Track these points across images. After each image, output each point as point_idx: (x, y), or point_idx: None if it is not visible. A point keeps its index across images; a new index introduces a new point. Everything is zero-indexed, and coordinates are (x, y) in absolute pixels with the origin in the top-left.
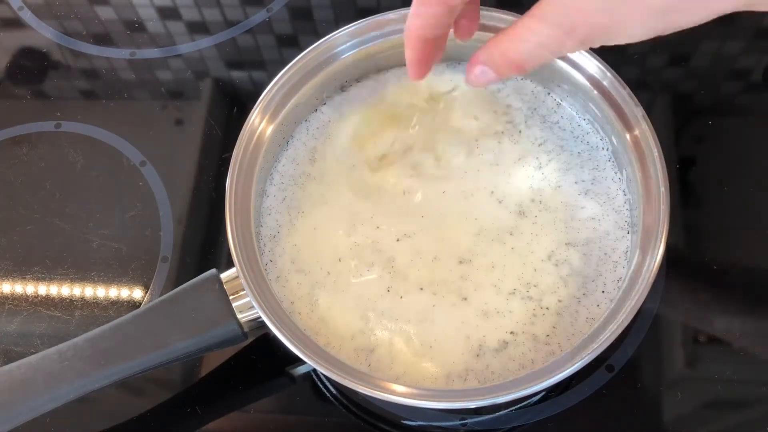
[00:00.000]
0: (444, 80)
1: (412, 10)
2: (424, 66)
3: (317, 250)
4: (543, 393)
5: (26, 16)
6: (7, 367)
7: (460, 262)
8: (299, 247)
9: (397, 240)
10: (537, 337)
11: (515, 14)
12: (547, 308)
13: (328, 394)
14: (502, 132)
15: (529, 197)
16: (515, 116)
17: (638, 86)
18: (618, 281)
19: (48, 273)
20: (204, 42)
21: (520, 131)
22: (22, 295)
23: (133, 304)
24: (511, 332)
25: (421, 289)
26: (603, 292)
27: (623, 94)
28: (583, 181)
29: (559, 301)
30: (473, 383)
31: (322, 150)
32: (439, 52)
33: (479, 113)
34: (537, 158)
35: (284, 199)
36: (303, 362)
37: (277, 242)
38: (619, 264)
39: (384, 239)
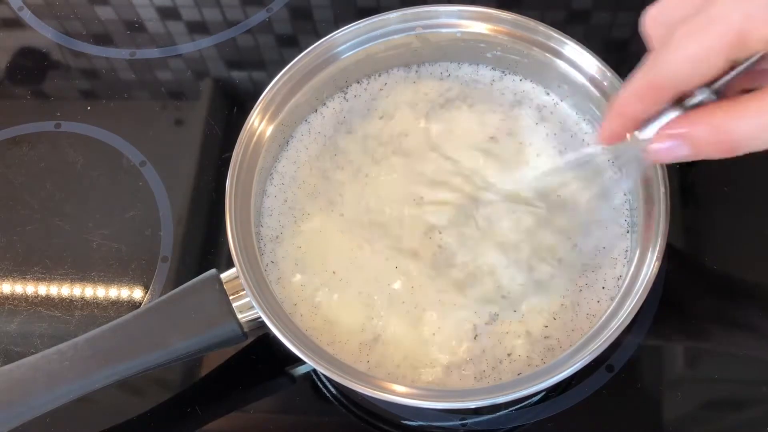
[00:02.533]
0: (444, 83)
1: (627, 92)
2: (615, 138)
3: (322, 252)
4: (543, 393)
5: (26, 16)
6: (7, 367)
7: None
8: (303, 250)
9: (402, 235)
10: (537, 329)
11: (516, 14)
12: (548, 299)
13: (328, 394)
14: (502, 131)
15: (530, 193)
16: (514, 115)
17: None
18: (618, 279)
19: (48, 273)
20: (204, 42)
21: (519, 131)
22: (22, 295)
23: (133, 304)
24: (512, 320)
25: (429, 277)
26: (603, 287)
27: None
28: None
29: (562, 295)
30: (471, 371)
31: (325, 153)
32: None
33: (479, 113)
34: (536, 156)
35: (285, 200)
36: (303, 362)
37: (279, 244)
38: (618, 261)
39: (388, 237)
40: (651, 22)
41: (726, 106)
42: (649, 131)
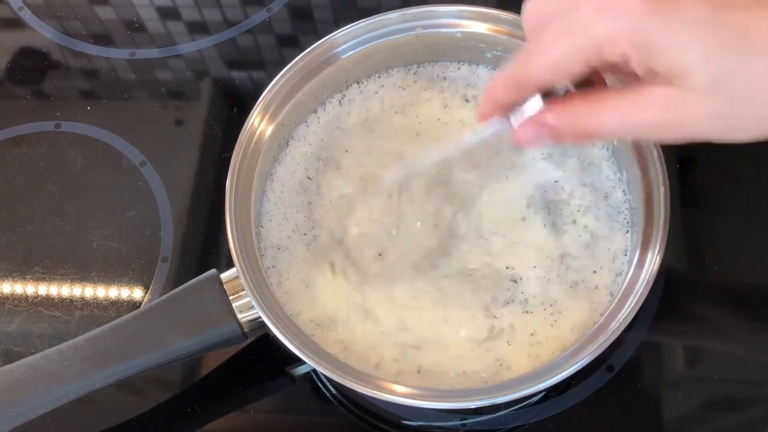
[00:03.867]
0: (444, 82)
1: (497, 80)
2: (487, 117)
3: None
4: (543, 393)
5: (26, 16)
6: (7, 367)
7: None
8: (308, 255)
9: (410, 241)
10: (535, 323)
11: (516, 14)
12: (546, 293)
13: (328, 394)
14: (501, 132)
15: (530, 194)
16: (514, 116)
17: None
18: (617, 276)
19: (48, 273)
20: (204, 42)
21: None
22: (22, 295)
23: (133, 304)
24: (512, 317)
25: (438, 286)
26: (596, 288)
27: None
28: (583, 180)
29: (560, 285)
30: (471, 369)
31: (324, 155)
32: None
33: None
34: (536, 157)
35: (285, 202)
36: (303, 362)
37: (281, 252)
38: (617, 259)
39: (396, 246)
40: (527, 15)
41: (586, 101)
42: (516, 117)
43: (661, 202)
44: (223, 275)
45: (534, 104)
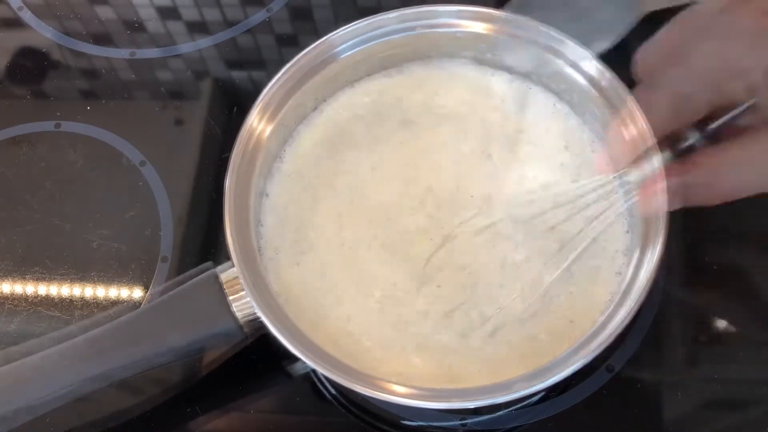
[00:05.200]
0: (445, 81)
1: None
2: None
3: (325, 260)
4: (543, 393)
5: (26, 16)
6: (7, 367)
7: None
8: (307, 247)
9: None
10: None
11: (516, 14)
12: (545, 293)
13: (327, 394)
14: (500, 131)
15: (530, 192)
16: (513, 114)
17: None
18: (617, 275)
19: (48, 273)
20: (204, 42)
21: (517, 130)
22: (22, 295)
23: (133, 304)
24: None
25: (439, 285)
26: (597, 287)
27: (622, 95)
28: (583, 180)
29: (560, 286)
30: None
31: (325, 152)
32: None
33: (479, 113)
34: (535, 156)
35: (285, 201)
36: (302, 362)
37: (281, 252)
38: (617, 259)
39: (392, 240)
40: (641, 55)
41: (718, 159)
42: (636, 175)
43: None
44: (223, 275)
45: (660, 161)
